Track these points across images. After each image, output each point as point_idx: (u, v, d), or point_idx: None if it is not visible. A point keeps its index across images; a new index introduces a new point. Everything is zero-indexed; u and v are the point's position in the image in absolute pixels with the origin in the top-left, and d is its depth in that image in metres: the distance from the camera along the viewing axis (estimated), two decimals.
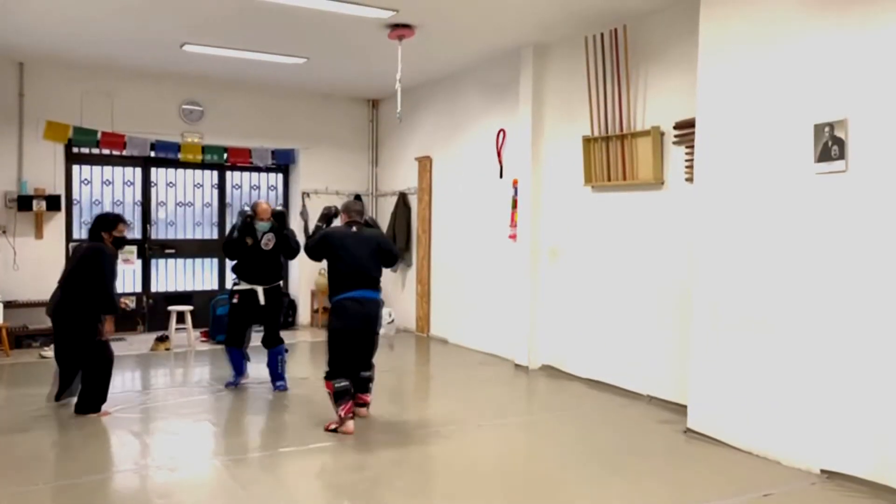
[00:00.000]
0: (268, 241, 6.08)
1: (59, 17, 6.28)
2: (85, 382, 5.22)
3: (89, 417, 5.13)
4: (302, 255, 5.75)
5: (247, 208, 6.31)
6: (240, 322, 6.10)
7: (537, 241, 7.07)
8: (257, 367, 6.50)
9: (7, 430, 4.83)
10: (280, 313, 6.33)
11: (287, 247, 6.16)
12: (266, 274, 6.10)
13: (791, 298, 4.29)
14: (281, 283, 6.32)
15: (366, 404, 5.28)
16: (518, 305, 7.21)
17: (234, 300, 6.09)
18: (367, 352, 5.11)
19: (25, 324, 7.84)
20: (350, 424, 4.84)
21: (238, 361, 6.22)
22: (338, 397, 4.84)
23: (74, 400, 5.27)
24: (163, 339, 7.93)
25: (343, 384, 4.85)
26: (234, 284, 6.18)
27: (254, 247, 6.03)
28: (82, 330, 5.15)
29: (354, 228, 5.09)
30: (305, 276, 9.76)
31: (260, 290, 6.03)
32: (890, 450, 3.81)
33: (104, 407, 5.24)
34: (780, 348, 4.35)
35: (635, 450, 4.64)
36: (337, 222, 5.33)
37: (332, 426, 4.88)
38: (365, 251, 4.96)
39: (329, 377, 4.88)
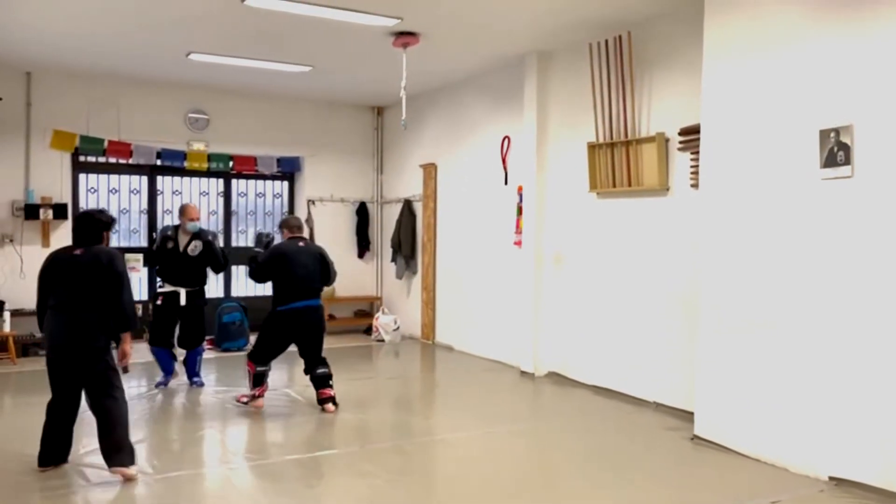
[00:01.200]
0: (194, 248, 6.40)
1: (66, 27, 6.32)
2: (119, 422, 4.11)
3: (109, 477, 4.03)
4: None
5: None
6: (164, 322, 6.39)
7: (542, 248, 7.06)
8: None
9: None
10: (201, 316, 6.57)
11: (214, 257, 6.49)
12: (189, 277, 6.43)
13: (797, 304, 4.27)
14: (205, 287, 6.61)
15: (330, 399, 5.62)
16: (523, 312, 7.20)
17: (158, 301, 6.42)
18: (317, 351, 5.65)
19: (32, 332, 7.85)
20: (261, 402, 5.63)
21: (166, 361, 6.46)
22: (257, 379, 5.62)
23: (64, 465, 4.23)
24: None
25: (263, 369, 5.64)
26: (159, 287, 6.52)
27: (175, 251, 6.39)
28: (106, 356, 4.15)
29: (301, 243, 5.70)
30: None
31: (183, 292, 6.37)
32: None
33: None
34: (787, 354, 4.33)
35: (642, 457, 4.62)
36: (278, 238, 5.94)
37: (244, 399, 5.69)
38: (313, 264, 5.58)
39: (254, 360, 5.59)
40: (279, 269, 5.52)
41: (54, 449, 4.18)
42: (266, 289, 9.94)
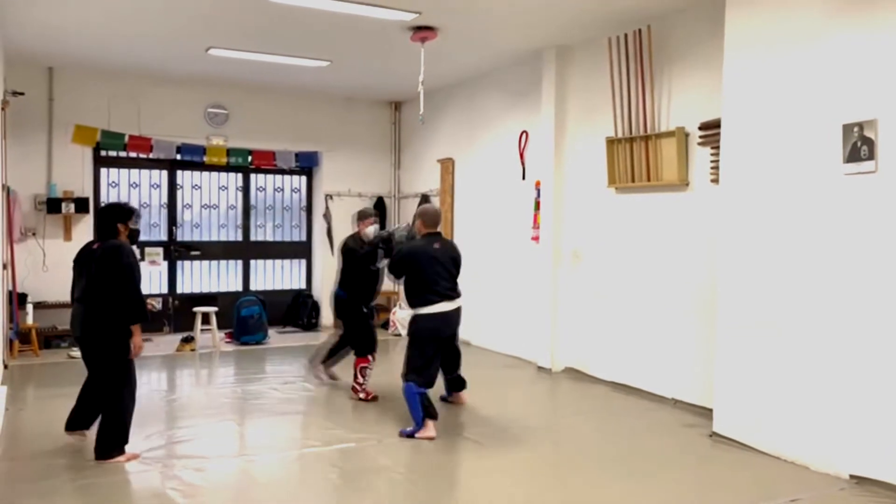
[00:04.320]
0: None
1: (87, 23, 6.38)
2: (107, 415, 4.29)
3: (113, 464, 4.21)
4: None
5: (398, 226, 6.16)
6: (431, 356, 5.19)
7: (560, 243, 7.04)
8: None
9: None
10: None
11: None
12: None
13: (819, 301, 4.23)
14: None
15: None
16: (540, 307, 7.19)
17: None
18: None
19: (55, 324, 7.96)
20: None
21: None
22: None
23: (88, 435, 4.50)
24: (188, 340, 8.02)
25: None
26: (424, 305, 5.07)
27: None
28: (114, 348, 4.24)
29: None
30: (329, 278, 9.80)
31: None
32: None
33: (129, 448, 4.34)
34: (806, 352, 4.28)
35: (661, 454, 4.60)
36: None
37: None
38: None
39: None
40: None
41: (77, 418, 4.53)
42: (281, 282, 10.06)
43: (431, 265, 5.00)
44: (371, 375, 5.83)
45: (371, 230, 5.88)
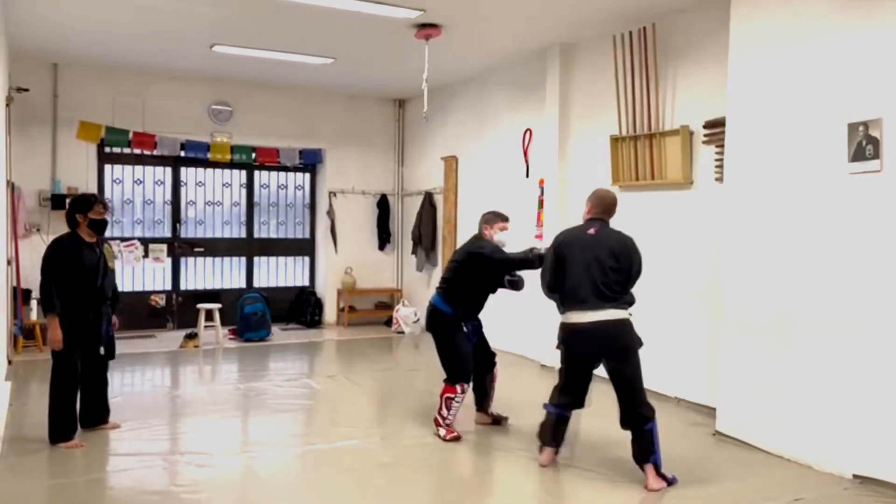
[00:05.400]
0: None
1: (91, 19, 6.38)
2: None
3: (65, 450, 4.37)
4: None
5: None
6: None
7: None
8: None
9: None
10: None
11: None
12: None
13: (823, 300, 4.21)
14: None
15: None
16: (543, 306, 7.16)
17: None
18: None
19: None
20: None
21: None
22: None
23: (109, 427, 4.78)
24: (192, 337, 8.03)
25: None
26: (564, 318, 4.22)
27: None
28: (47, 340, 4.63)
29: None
30: (332, 275, 9.84)
31: None
32: None
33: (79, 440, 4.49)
34: (809, 350, 4.27)
35: (665, 452, 4.56)
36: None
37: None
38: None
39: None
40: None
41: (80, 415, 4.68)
42: (284, 279, 10.07)
43: (573, 255, 3.95)
44: (459, 409, 4.79)
45: (502, 237, 4.93)
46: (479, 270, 4.81)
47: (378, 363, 7.13)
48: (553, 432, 4.16)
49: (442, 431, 4.73)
